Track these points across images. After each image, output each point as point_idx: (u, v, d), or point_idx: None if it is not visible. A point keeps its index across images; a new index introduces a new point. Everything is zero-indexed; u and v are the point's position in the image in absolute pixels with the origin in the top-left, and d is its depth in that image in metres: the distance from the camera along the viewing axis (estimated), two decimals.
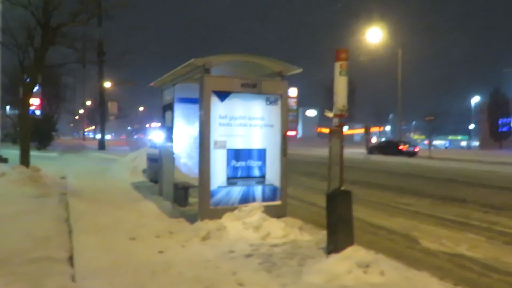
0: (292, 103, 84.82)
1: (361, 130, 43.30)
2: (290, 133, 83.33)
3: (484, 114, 49.50)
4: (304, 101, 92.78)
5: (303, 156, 30.23)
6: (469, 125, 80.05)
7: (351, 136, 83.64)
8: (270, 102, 6.09)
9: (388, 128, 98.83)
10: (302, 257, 4.66)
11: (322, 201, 9.06)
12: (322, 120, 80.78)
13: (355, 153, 31.66)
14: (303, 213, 7.24)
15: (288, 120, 6.24)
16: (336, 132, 4.49)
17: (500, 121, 45.95)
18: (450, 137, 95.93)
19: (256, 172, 6.08)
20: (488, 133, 47.97)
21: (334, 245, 4.24)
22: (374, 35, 37.12)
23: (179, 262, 4.35)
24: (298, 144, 55.81)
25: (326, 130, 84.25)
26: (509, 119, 45.97)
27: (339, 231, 4.23)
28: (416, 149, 32.55)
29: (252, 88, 5.89)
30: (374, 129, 68.81)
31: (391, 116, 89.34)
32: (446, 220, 7.34)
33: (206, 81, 5.68)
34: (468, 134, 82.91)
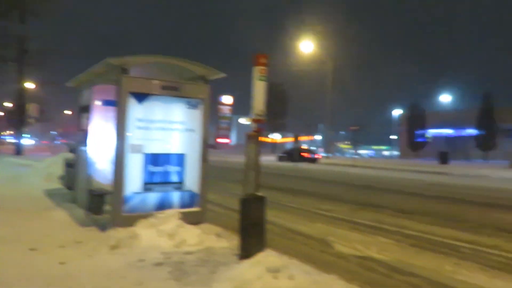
0: (227, 110, 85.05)
1: (291, 139, 44.91)
2: (223, 140, 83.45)
3: (403, 126, 53.08)
4: (240, 109, 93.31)
5: (231, 163, 30.32)
6: (391, 135, 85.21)
7: (282, 144, 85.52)
8: (192, 106, 5.98)
9: (319, 137, 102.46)
10: (215, 264, 4.59)
11: None
12: None
13: (267, 160, 33.23)
14: (224, 220, 7.18)
15: (208, 125, 6.16)
16: (253, 137, 4.50)
17: (417, 132, 49.57)
18: (374, 147, 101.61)
19: (175, 178, 5.93)
20: (406, 143, 51.45)
21: (246, 251, 4.22)
22: (305, 47, 38.40)
23: (80, 273, 4.08)
24: (230, 152, 55.84)
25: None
26: (425, 131, 49.69)
27: (251, 237, 4.22)
28: (317, 156, 36.98)
29: (173, 91, 5.75)
30: (304, 138, 70.88)
31: (321, 126, 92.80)
32: (360, 225, 7.66)
33: (123, 81, 5.45)
34: (390, 144, 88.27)
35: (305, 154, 35.11)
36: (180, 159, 5.95)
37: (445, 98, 64.55)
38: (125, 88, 5.45)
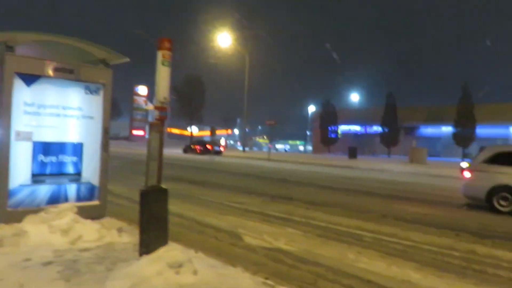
0: (142, 101, 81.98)
1: (209, 132, 45.28)
2: (138, 132, 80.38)
3: (316, 122, 55.45)
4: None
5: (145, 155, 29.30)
6: (306, 131, 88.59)
7: (201, 137, 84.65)
8: (91, 91, 5.46)
9: (236, 131, 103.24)
10: (113, 261, 4.23)
11: None
12: (172, 121, 79.85)
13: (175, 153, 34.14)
14: (129, 214, 6.74)
15: (110, 112, 5.65)
16: (156, 126, 4.20)
17: (329, 129, 52.06)
18: (290, 142, 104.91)
19: (70, 169, 5.38)
20: (319, 139, 53.83)
21: (146, 246, 3.93)
22: (223, 40, 38.23)
23: None
24: (144, 144, 53.83)
25: (175, 131, 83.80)
26: (336, 127, 52.35)
27: (152, 231, 3.93)
28: (221, 148, 39.90)
29: (68, 73, 5.19)
30: (221, 132, 70.95)
31: (238, 120, 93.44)
32: (271, 216, 7.69)
33: (8, 60, 4.79)
34: (305, 139, 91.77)
35: (210, 147, 37.59)
36: (77, 148, 5.41)
37: (355, 97, 68.70)
38: (10, 68, 4.79)
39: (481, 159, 9.60)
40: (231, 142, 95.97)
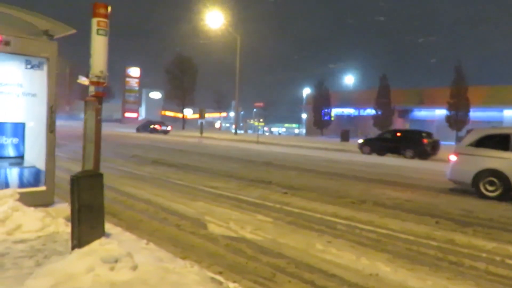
0: (134, 83, 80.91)
1: (197, 115, 45.33)
2: (131, 114, 79.53)
3: (310, 105, 54.83)
4: (150, 83, 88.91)
5: (134, 137, 28.86)
6: (301, 114, 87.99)
7: (194, 120, 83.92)
8: (32, 66, 4.93)
9: (232, 114, 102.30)
10: (48, 255, 3.80)
11: (124, 186, 8.34)
12: (166, 103, 78.86)
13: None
14: None
15: (56, 89, 5.13)
16: (91, 103, 3.71)
17: (322, 111, 51.49)
18: (286, 125, 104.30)
19: (11, 152, 4.89)
20: (312, 122, 53.30)
21: (77, 239, 3.49)
22: (214, 20, 37.31)
23: None
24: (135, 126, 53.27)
25: (170, 113, 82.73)
26: (329, 110, 51.81)
27: (83, 222, 3.49)
28: (169, 128, 42.45)
29: (4, 46, 4.66)
30: (213, 114, 70.27)
31: (233, 103, 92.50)
32: (244, 202, 7.29)
33: None
34: (300, 122, 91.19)
35: (158, 127, 41.70)
36: (18, 129, 4.91)
37: (349, 80, 68.01)
38: None
39: (467, 142, 9.20)
40: (227, 125, 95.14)
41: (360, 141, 23.16)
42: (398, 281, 3.92)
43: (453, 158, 9.30)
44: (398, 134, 22.12)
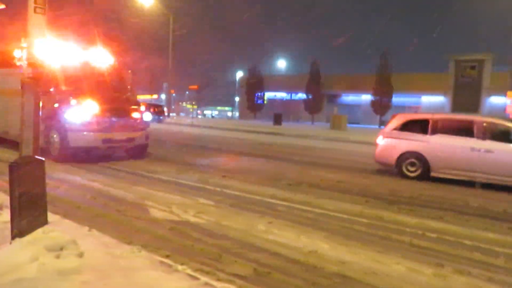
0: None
1: None
2: None
3: (243, 88, 55.03)
4: None
5: None
6: (235, 97, 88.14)
7: None
8: None
9: (163, 96, 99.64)
10: None
11: (56, 172, 7.94)
12: None
13: None
14: None
15: None
16: (29, 85, 3.53)
17: (256, 95, 52.00)
18: (219, 108, 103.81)
19: None
20: (246, 105, 53.68)
21: (19, 228, 3.36)
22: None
23: None
24: None
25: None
26: (262, 93, 52.43)
27: (24, 210, 3.36)
28: None
29: None
30: (144, 96, 68.49)
31: (165, 85, 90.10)
32: (184, 186, 7.32)
33: None
34: (233, 105, 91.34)
35: None
36: None
37: (282, 64, 69.16)
38: None
39: (392, 126, 9.91)
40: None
41: None
42: (335, 256, 4.24)
43: (379, 141, 9.98)
44: None
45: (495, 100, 37.03)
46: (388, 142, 9.78)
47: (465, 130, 8.87)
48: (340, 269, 3.92)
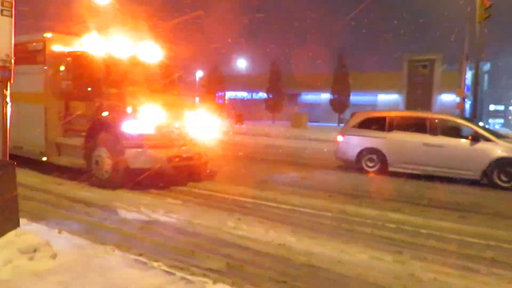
0: None
1: None
2: None
3: (204, 88, 54.90)
4: None
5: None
6: (195, 97, 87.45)
7: None
8: None
9: None
10: None
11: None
12: None
13: None
14: None
15: None
16: None
17: (217, 94, 52.06)
18: None
19: None
20: (206, 105, 53.61)
21: None
22: None
23: None
24: None
25: None
26: (223, 93, 52.55)
27: None
28: None
29: None
30: None
31: None
32: (151, 187, 7.30)
33: None
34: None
35: None
36: None
37: (242, 63, 69.35)
38: None
39: (352, 124, 10.32)
40: None
41: None
42: (303, 248, 4.45)
43: (340, 139, 10.37)
44: None
45: (446, 97, 38.95)
46: (348, 140, 10.18)
47: (419, 126, 9.39)
48: (308, 259, 4.13)
